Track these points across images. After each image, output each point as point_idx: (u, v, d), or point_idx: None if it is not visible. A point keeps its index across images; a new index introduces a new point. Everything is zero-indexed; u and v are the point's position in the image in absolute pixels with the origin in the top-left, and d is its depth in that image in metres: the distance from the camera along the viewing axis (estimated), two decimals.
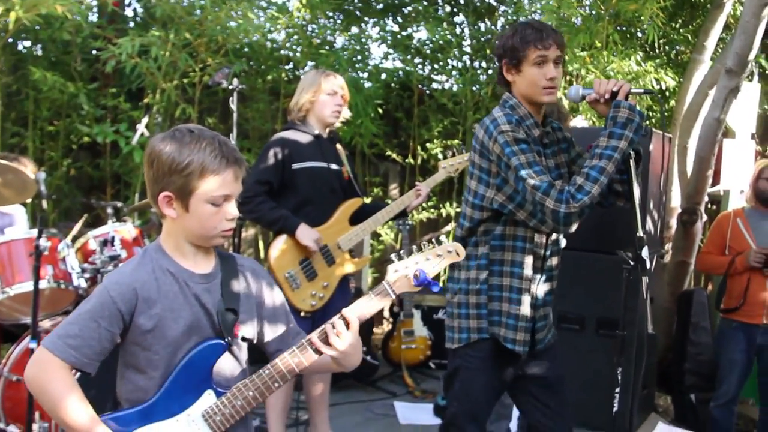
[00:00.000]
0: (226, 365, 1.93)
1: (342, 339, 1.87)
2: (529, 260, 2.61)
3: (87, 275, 3.75)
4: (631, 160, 2.52)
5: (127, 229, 3.94)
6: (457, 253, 1.98)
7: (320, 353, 1.89)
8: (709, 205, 5.72)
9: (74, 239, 3.98)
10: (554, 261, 2.73)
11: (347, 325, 1.89)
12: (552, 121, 2.77)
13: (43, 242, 3.34)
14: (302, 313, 3.59)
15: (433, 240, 1.98)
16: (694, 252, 4.92)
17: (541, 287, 2.68)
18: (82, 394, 1.77)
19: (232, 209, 1.85)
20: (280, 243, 3.63)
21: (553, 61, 2.56)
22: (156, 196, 1.85)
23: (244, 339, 1.97)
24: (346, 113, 3.87)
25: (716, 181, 5.31)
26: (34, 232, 3.41)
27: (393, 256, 1.96)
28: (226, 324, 1.89)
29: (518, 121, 2.54)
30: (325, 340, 1.88)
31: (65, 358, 1.74)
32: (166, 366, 1.83)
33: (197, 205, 1.81)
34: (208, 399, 1.86)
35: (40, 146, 5.74)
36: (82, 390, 1.79)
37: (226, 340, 1.89)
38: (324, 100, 3.70)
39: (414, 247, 1.96)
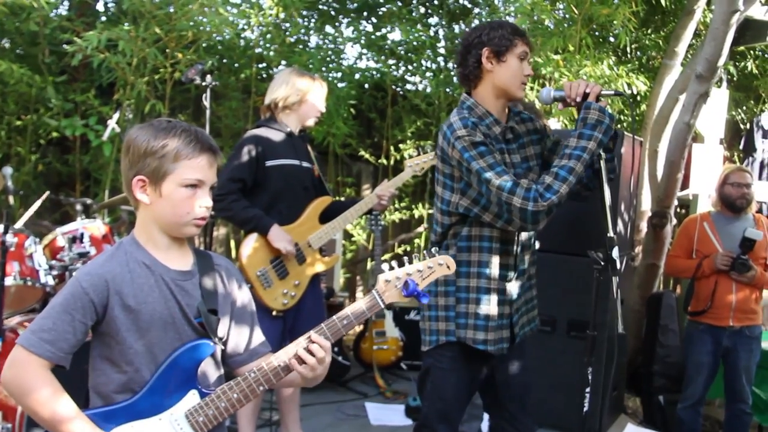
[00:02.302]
0: (208, 366, 1.93)
1: (320, 363, 1.88)
2: (496, 260, 2.61)
3: (55, 272, 3.69)
4: (601, 161, 2.53)
5: (97, 226, 3.89)
6: (448, 266, 2.00)
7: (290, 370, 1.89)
8: (678, 209, 5.79)
9: (33, 227, 3.90)
10: (526, 257, 2.74)
11: (321, 348, 1.88)
12: (520, 112, 2.77)
13: (10, 238, 3.28)
14: (274, 312, 3.57)
15: (425, 252, 1.99)
16: (664, 255, 4.98)
17: (513, 284, 2.68)
18: (63, 390, 1.75)
19: (205, 197, 1.86)
20: (252, 241, 3.60)
21: (528, 59, 2.61)
22: (130, 182, 1.84)
23: (220, 339, 1.96)
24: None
25: (685, 185, 5.38)
26: (0, 227, 3.34)
27: (384, 265, 1.96)
28: (210, 326, 1.89)
29: (474, 123, 2.51)
30: (301, 361, 1.87)
31: (42, 354, 1.72)
32: (140, 361, 1.81)
33: (170, 190, 1.82)
34: (192, 399, 1.85)
35: (7, 141, 5.63)
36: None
37: (214, 341, 1.89)
38: (313, 104, 3.73)
39: (405, 258, 1.96)
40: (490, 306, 2.60)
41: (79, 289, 1.76)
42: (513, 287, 2.68)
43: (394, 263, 1.96)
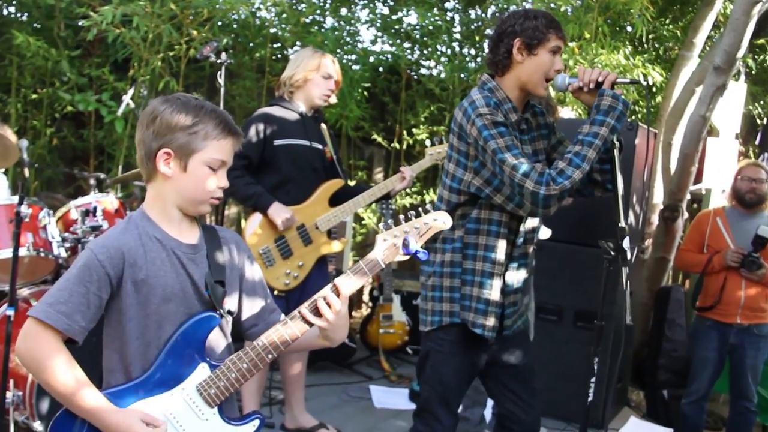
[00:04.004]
0: (215, 338, 1.93)
1: (332, 309, 1.88)
2: (502, 245, 2.60)
3: (67, 245, 3.71)
4: (615, 150, 2.51)
5: (110, 200, 3.90)
6: (444, 222, 1.97)
7: (311, 324, 1.89)
8: (690, 204, 5.76)
9: (47, 200, 3.91)
10: (529, 249, 2.72)
11: (337, 294, 1.89)
12: (534, 105, 2.75)
13: (24, 209, 3.29)
14: (276, 292, 3.58)
15: (420, 209, 1.96)
16: (674, 249, 4.97)
17: (512, 274, 2.67)
18: (76, 363, 1.76)
19: (224, 178, 1.89)
20: (257, 219, 3.62)
21: (560, 54, 2.58)
22: (154, 153, 1.83)
23: (229, 312, 1.97)
24: (333, 99, 3.87)
25: (698, 179, 5.34)
26: (15, 198, 3.36)
27: (381, 225, 1.94)
28: (216, 297, 1.89)
29: (496, 104, 2.51)
30: (316, 311, 1.88)
31: (58, 326, 1.71)
32: (151, 336, 1.82)
33: (196, 167, 1.84)
34: (202, 372, 1.86)
35: (23, 114, 5.66)
36: None
37: (219, 312, 1.89)
38: (318, 81, 3.70)
39: (402, 216, 1.95)
40: (492, 291, 2.60)
41: (95, 262, 1.76)
42: (511, 277, 2.67)
43: (390, 221, 1.95)
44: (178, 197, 1.87)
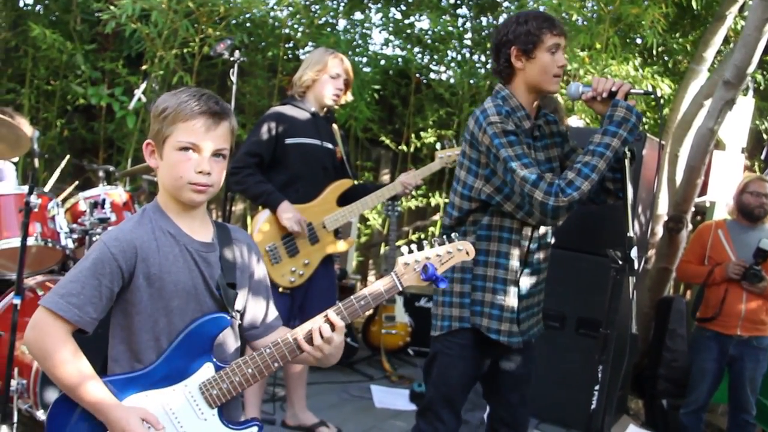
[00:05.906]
0: (225, 339, 1.93)
1: (327, 343, 1.88)
2: (515, 251, 2.61)
3: (75, 236, 3.73)
4: (626, 160, 2.53)
5: (118, 193, 3.94)
6: (467, 252, 1.97)
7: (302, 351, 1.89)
8: (695, 216, 5.78)
9: (64, 200, 3.97)
10: (541, 255, 2.73)
11: (333, 328, 1.88)
12: (546, 113, 2.76)
13: (34, 199, 3.31)
14: (280, 289, 3.60)
15: (445, 237, 1.96)
16: (677, 259, 4.98)
17: (525, 279, 2.68)
18: (83, 355, 1.76)
19: (202, 162, 1.81)
20: (265, 217, 3.64)
21: (562, 49, 2.58)
22: (145, 146, 1.88)
23: (237, 312, 1.96)
24: (348, 97, 3.89)
25: (703, 191, 5.36)
26: (25, 188, 3.38)
27: (403, 248, 1.93)
28: (228, 299, 1.89)
29: (508, 112, 2.52)
30: (310, 341, 1.88)
31: (70, 318, 1.71)
32: (161, 330, 1.81)
33: (168, 153, 1.82)
34: (206, 371, 1.85)
35: (35, 105, 5.71)
36: None
37: (231, 315, 1.89)
38: (326, 80, 3.71)
39: (425, 241, 1.94)
40: (505, 297, 2.61)
41: (107, 255, 1.75)
42: (525, 282, 2.69)
43: (413, 246, 1.94)
44: (163, 187, 1.87)
